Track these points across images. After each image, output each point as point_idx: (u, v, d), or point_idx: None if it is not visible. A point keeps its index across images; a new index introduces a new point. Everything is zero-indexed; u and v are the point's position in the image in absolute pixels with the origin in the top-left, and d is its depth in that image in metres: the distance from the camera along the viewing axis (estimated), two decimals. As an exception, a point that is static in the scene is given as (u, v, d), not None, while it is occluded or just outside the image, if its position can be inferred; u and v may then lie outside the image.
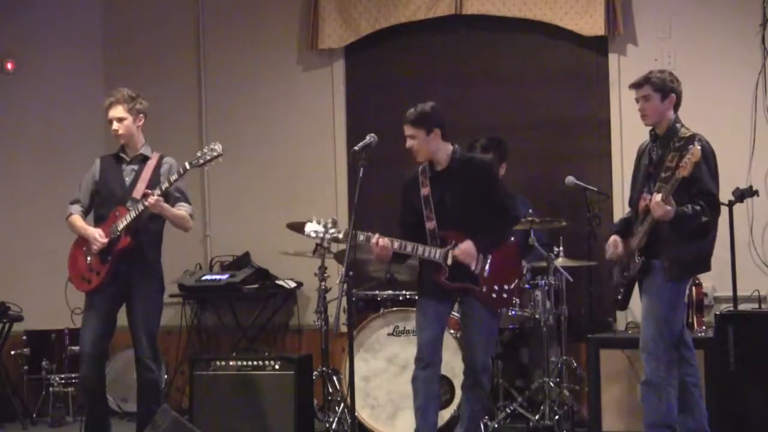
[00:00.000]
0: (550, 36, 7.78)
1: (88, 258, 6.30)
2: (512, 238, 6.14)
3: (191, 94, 8.50)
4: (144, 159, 6.41)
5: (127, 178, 6.37)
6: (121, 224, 6.21)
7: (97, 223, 6.37)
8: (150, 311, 6.36)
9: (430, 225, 5.92)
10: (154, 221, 6.32)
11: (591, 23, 7.58)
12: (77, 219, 6.40)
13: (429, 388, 5.88)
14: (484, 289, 5.87)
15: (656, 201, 5.52)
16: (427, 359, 5.87)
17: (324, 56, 8.21)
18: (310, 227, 6.12)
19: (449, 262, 5.86)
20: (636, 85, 5.84)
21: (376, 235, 5.88)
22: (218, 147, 6.29)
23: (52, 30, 8.51)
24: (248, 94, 8.38)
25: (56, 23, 8.54)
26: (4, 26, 8.45)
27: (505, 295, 5.90)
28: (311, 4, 8.09)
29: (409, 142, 5.92)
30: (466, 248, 5.82)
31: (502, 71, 7.98)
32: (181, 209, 6.34)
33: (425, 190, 5.95)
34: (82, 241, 6.36)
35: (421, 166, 6.01)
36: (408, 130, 5.91)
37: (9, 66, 8.46)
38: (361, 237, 5.89)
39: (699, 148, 5.41)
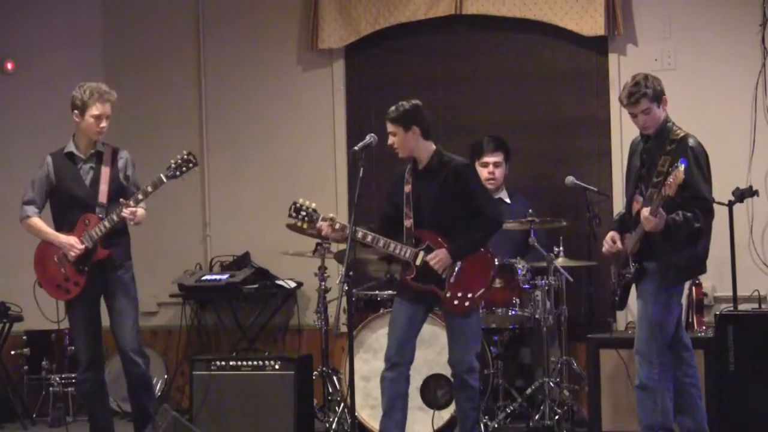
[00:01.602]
0: (550, 36, 7.78)
1: (61, 266, 6.25)
2: (490, 251, 6.07)
3: (191, 94, 8.49)
4: (99, 155, 6.33)
5: (85, 178, 6.30)
6: (96, 234, 6.16)
7: (61, 228, 6.29)
8: (130, 308, 6.33)
9: (408, 223, 5.99)
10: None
11: (591, 23, 7.57)
12: (40, 222, 6.33)
13: (394, 388, 5.95)
14: (448, 294, 5.91)
15: (645, 216, 5.50)
16: (394, 360, 5.94)
17: (324, 56, 8.21)
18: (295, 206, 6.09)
19: (417, 262, 5.91)
20: (633, 103, 5.69)
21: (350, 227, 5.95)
22: (192, 157, 6.22)
23: (52, 30, 8.51)
24: (248, 94, 8.38)
25: (56, 23, 8.54)
26: (4, 26, 8.45)
27: (467, 303, 5.92)
28: (311, 4, 8.09)
29: (390, 139, 6.01)
30: (440, 257, 5.87)
31: (502, 71, 7.97)
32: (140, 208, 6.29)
33: (408, 188, 6.03)
34: (49, 246, 6.29)
35: (410, 164, 6.06)
36: (389, 127, 6.00)
37: (9, 66, 8.46)
38: (338, 225, 5.99)
39: (683, 169, 5.35)
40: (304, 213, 6.05)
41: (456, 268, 5.92)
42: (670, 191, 5.36)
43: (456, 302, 5.92)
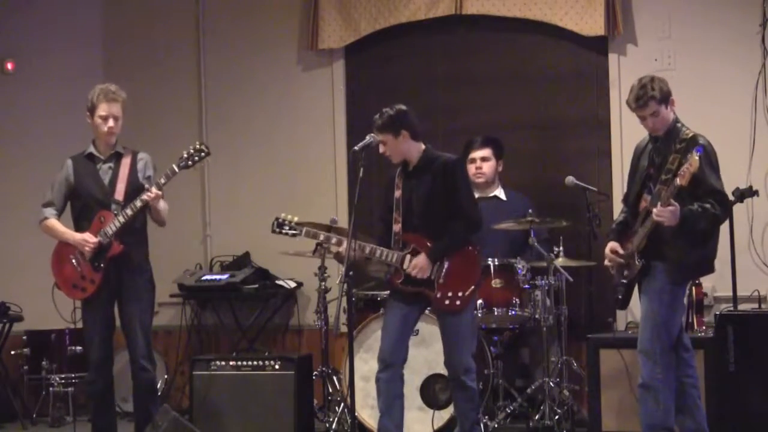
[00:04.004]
0: (550, 36, 7.78)
1: (77, 265, 6.27)
2: (476, 248, 6.06)
3: (191, 94, 8.50)
4: (118, 156, 6.37)
5: (104, 178, 6.32)
6: (110, 230, 6.18)
7: (81, 228, 6.31)
8: (144, 311, 6.35)
9: (396, 227, 6.01)
10: (137, 220, 6.29)
11: (591, 23, 7.57)
12: (56, 223, 6.35)
13: (390, 389, 5.95)
14: (438, 295, 5.91)
15: (656, 213, 5.49)
16: (388, 361, 5.95)
17: (324, 56, 8.21)
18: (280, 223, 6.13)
19: (405, 266, 5.90)
20: (641, 107, 5.68)
21: (335, 237, 6.03)
22: (205, 147, 6.27)
23: (52, 30, 8.52)
24: (248, 94, 8.38)
25: (56, 23, 8.54)
26: (4, 26, 8.45)
27: (458, 302, 5.92)
28: (311, 4, 8.09)
29: (381, 148, 5.98)
30: (417, 264, 5.88)
31: (502, 71, 7.97)
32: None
33: (398, 192, 6.04)
34: (66, 246, 6.31)
35: (400, 167, 6.08)
36: (378, 137, 5.96)
37: (9, 66, 8.46)
38: (321, 237, 6.07)
39: (697, 157, 5.37)
40: (287, 227, 6.09)
41: (444, 269, 5.93)
42: (683, 181, 5.36)
43: (447, 302, 5.92)
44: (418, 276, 5.90)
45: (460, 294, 5.92)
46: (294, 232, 6.09)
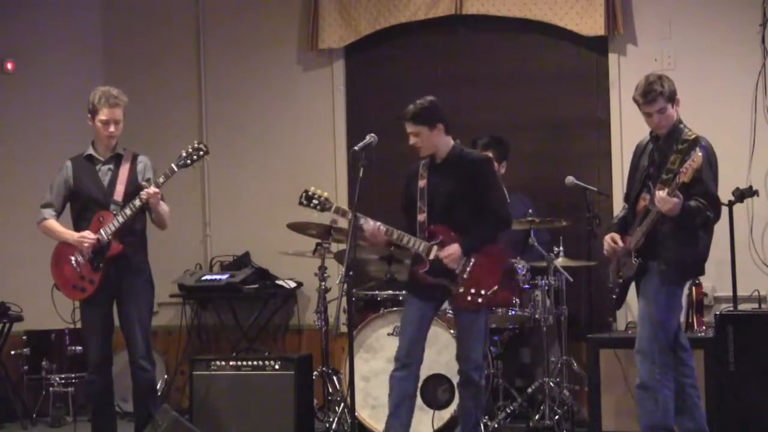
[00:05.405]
0: (550, 36, 7.79)
1: (76, 266, 6.27)
2: (501, 246, 6.07)
3: (191, 94, 8.50)
4: (118, 158, 6.38)
5: (104, 179, 6.33)
6: (109, 230, 6.19)
7: (78, 228, 6.31)
8: (143, 312, 6.35)
9: (421, 217, 5.97)
10: (137, 222, 6.30)
11: (591, 23, 7.58)
12: (55, 224, 6.35)
13: (403, 388, 5.93)
14: (461, 290, 5.90)
15: (662, 197, 5.48)
16: (404, 360, 5.93)
17: (324, 56, 8.21)
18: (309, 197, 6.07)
19: (431, 256, 5.90)
20: (649, 102, 5.66)
21: (363, 218, 5.96)
22: (203, 146, 6.29)
23: (52, 30, 8.52)
24: (248, 94, 8.39)
25: (56, 23, 8.55)
26: (4, 26, 8.45)
27: (480, 300, 5.89)
28: (311, 4, 8.10)
29: (413, 140, 5.94)
30: (451, 253, 5.86)
31: (502, 71, 7.98)
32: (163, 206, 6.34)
33: (422, 182, 6.00)
34: (65, 247, 6.31)
35: (424, 159, 6.04)
36: (410, 128, 5.93)
37: (9, 66, 8.46)
38: (350, 215, 5.94)
39: (701, 155, 5.37)
40: (316, 201, 6.04)
41: (470, 264, 5.91)
42: (686, 177, 5.36)
43: (469, 298, 5.89)
44: (450, 265, 5.87)
45: (483, 292, 5.89)
46: (323, 206, 6.03)
